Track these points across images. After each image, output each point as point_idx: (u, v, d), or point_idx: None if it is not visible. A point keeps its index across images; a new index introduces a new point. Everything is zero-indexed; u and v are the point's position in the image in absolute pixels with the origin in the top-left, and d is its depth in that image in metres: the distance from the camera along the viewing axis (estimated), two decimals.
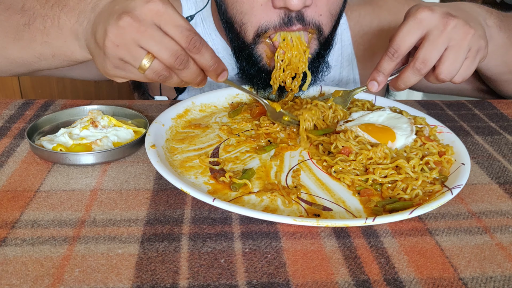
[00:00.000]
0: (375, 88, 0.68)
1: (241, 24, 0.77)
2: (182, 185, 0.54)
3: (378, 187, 0.59)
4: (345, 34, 0.98)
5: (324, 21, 0.78)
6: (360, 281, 0.45)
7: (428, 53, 0.62)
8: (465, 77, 0.66)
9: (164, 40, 0.55)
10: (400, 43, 0.64)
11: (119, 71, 0.58)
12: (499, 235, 0.52)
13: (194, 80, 0.60)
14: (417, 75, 0.64)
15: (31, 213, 0.53)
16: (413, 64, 0.63)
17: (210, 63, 0.59)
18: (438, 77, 0.65)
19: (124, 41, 0.55)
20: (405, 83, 0.66)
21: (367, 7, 0.99)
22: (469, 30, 0.63)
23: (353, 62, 0.99)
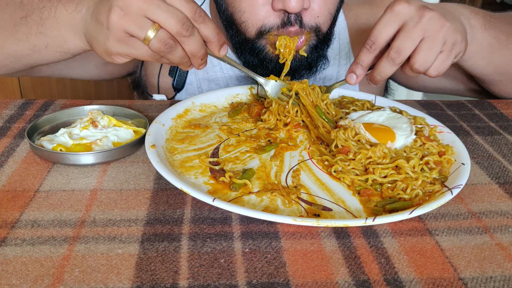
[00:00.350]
0: (353, 80, 0.68)
1: (241, 22, 0.79)
2: (182, 185, 0.54)
3: (378, 187, 0.59)
4: (342, 33, 0.99)
5: (322, 21, 0.79)
6: (360, 281, 0.45)
7: (402, 43, 0.63)
8: (440, 70, 0.66)
9: (170, 9, 0.56)
10: (377, 35, 0.65)
11: (122, 46, 0.59)
12: (499, 235, 0.52)
13: (198, 52, 0.60)
14: (392, 65, 0.64)
15: (31, 213, 0.53)
16: (388, 54, 0.64)
17: (213, 33, 0.60)
18: (413, 67, 0.65)
19: (130, 11, 0.56)
20: (380, 74, 0.66)
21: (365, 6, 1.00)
22: (445, 23, 0.63)
23: (350, 60, 0.99)
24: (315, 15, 0.78)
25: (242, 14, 0.78)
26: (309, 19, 0.77)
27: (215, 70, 0.96)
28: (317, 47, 0.82)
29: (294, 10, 0.72)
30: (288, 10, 0.72)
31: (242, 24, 0.79)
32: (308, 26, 0.78)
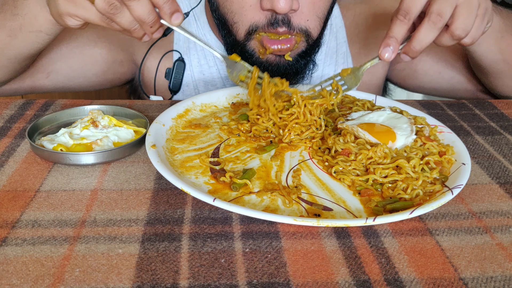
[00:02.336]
0: (388, 55, 0.64)
1: (233, 23, 0.80)
2: (182, 185, 0.54)
3: (379, 187, 0.59)
4: (340, 32, 0.99)
5: (312, 25, 0.80)
6: (360, 281, 0.45)
7: (441, 6, 0.61)
8: (475, 37, 0.65)
9: None
10: (411, 4, 0.62)
11: (70, 5, 0.59)
12: (500, 235, 0.52)
13: (146, 18, 0.58)
14: (433, 29, 0.62)
15: (31, 213, 0.53)
16: (428, 18, 0.61)
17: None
18: (454, 33, 0.63)
19: None
20: (420, 43, 0.63)
21: (363, 5, 1.00)
22: None
23: (347, 59, 0.99)
24: (304, 18, 0.78)
25: (233, 16, 0.79)
26: (298, 21, 0.77)
27: (212, 71, 0.96)
28: (305, 53, 0.83)
29: (282, 11, 0.72)
30: (276, 10, 0.72)
31: (233, 25, 0.80)
32: (297, 28, 0.78)
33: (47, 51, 0.88)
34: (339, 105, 0.80)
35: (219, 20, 0.83)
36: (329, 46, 0.97)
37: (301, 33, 0.79)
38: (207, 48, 0.69)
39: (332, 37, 0.98)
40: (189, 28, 0.94)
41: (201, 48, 0.94)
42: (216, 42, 0.94)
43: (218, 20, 0.83)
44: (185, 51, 0.95)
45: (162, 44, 0.95)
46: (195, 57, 0.96)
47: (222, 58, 0.70)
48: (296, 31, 0.78)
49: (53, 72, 0.90)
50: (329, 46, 0.97)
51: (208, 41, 0.94)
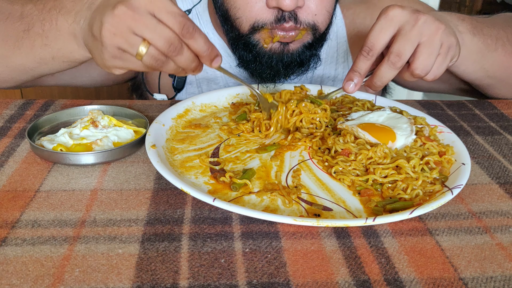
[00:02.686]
0: (351, 89, 0.67)
1: (236, 18, 0.80)
2: (182, 185, 0.54)
3: (379, 187, 0.59)
4: (340, 31, 0.99)
5: (320, 19, 0.79)
6: (360, 281, 0.44)
7: (402, 46, 0.63)
8: (436, 75, 0.66)
9: (158, 27, 0.56)
10: (374, 41, 0.64)
11: (118, 61, 0.59)
12: (500, 235, 0.52)
13: (189, 66, 0.61)
14: (392, 69, 0.64)
15: (31, 213, 0.53)
16: (388, 58, 0.63)
17: (203, 48, 0.59)
18: (414, 72, 0.64)
19: (120, 29, 0.56)
20: (381, 79, 0.66)
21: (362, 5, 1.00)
22: (440, 25, 0.63)
23: (348, 59, 0.99)
24: (312, 13, 0.78)
25: (237, 11, 0.79)
26: (305, 16, 0.77)
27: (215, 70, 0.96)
28: (311, 45, 0.82)
29: (288, 8, 0.73)
30: (282, 7, 0.73)
31: (236, 20, 0.80)
32: (305, 23, 0.78)
33: None
34: (339, 105, 0.80)
35: (222, 16, 0.83)
36: (330, 46, 0.97)
37: (309, 27, 0.79)
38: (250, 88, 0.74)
39: (333, 37, 0.98)
40: None
41: None
42: (218, 40, 0.94)
43: (221, 16, 0.84)
44: None
45: None
46: None
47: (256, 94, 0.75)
48: (303, 26, 0.78)
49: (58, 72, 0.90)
50: (330, 45, 0.97)
51: (211, 39, 0.94)
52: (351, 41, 1.00)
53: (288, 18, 0.76)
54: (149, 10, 0.56)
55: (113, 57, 0.59)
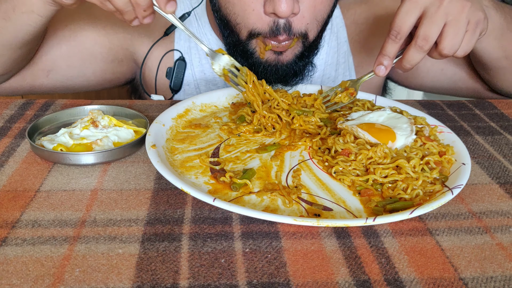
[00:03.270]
0: (382, 72, 0.68)
1: (236, 24, 0.81)
2: (182, 185, 0.54)
3: (379, 187, 0.59)
4: (341, 32, 0.99)
5: (310, 27, 0.81)
6: (360, 281, 0.45)
7: (428, 30, 0.63)
8: (466, 50, 0.67)
9: None
10: (401, 24, 0.65)
11: None
12: (500, 235, 0.52)
13: (141, 0, 0.61)
14: (420, 52, 0.65)
15: (31, 213, 0.53)
16: (415, 42, 0.64)
17: None
18: (442, 52, 0.65)
19: None
20: (409, 62, 0.66)
21: (363, 5, 1.00)
22: (465, 3, 0.63)
23: (349, 59, 0.99)
24: (304, 21, 0.79)
25: (236, 17, 0.80)
26: (298, 25, 0.78)
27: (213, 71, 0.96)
28: (303, 55, 0.83)
29: (284, 15, 0.73)
30: (278, 14, 0.73)
31: (236, 26, 0.81)
32: (297, 33, 0.79)
33: (48, 49, 0.88)
34: None
35: (221, 21, 0.84)
36: (330, 46, 0.97)
37: (300, 36, 0.80)
38: (195, 40, 0.71)
39: (333, 37, 0.98)
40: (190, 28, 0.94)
41: None
42: (217, 41, 0.94)
43: (220, 20, 0.84)
44: (186, 50, 0.95)
45: (163, 44, 0.95)
46: (196, 56, 0.96)
47: (207, 51, 0.73)
48: (295, 36, 0.79)
49: (53, 71, 0.90)
50: (330, 45, 0.97)
51: (209, 40, 0.95)
52: (351, 41, 0.99)
53: (283, 30, 0.77)
54: None
55: None
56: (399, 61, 0.68)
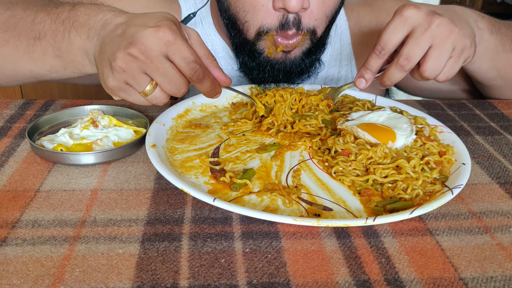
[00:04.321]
0: (362, 85, 0.69)
1: (244, 22, 0.79)
2: (182, 185, 0.54)
3: (379, 187, 0.59)
4: (344, 34, 0.99)
5: (319, 23, 0.80)
6: (360, 281, 0.44)
7: (411, 50, 0.63)
8: (448, 76, 0.67)
9: (169, 73, 0.57)
10: (387, 41, 0.65)
11: (121, 92, 0.60)
12: (500, 235, 0.52)
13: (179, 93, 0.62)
14: (401, 71, 0.65)
15: (31, 213, 0.53)
16: (397, 60, 0.64)
17: (208, 89, 0.62)
18: (422, 75, 0.65)
19: (130, 68, 0.56)
20: (390, 80, 0.67)
21: (366, 7, 1.00)
22: (453, 29, 0.63)
23: (351, 61, 0.99)
24: (313, 17, 0.78)
25: (245, 14, 0.79)
26: (307, 21, 0.78)
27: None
28: (310, 51, 0.83)
29: (294, 10, 0.73)
30: (288, 9, 0.73)
31: (245, 24, 0.80)
32: (305, 29, 0.78)
33: None
34: (339, 105, 0.80)
35: (228, 20, 0.83)
36: (333, 48, 0.97)
37: (308, 32, 0.79)
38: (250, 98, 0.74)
39: (337, 39, 0.98)
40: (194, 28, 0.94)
41: None
42: (221, 42, 0.94)
43: (228, 20, 0.83)
44: None
45: None
46: None
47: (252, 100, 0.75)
48: (304, 31, 0.78)
49: None
50: (334, 47, 0.97)
51: (213, 42, 0.94)
52: (355, 43, 0.99)
53: (292, 24, 0.76)
54: (163, 52, 0.56)
55: (117, 88, 0.59)
56: (380, 76, 0.68)
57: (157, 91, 0.59)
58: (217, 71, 0.63)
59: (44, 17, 0.69)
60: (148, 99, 0.60)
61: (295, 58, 0.82)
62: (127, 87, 0.59)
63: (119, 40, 0.57)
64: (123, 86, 0.59)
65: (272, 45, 0.80)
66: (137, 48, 0.55)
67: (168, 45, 0.56)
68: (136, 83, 0.58)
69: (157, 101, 0.61)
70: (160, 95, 0.60)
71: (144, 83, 0.58)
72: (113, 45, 0.58)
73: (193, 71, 0.58)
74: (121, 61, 0.56)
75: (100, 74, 0.61)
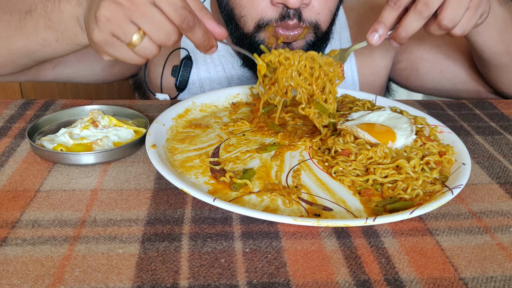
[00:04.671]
0: (375, 40, 0.65)
1: (240, 16, 0.79)
2: (182, 185, 0.54)
3: (379, 187, 0.59)
4: (344, 32, 0.99)
5: (322, 18, 0.79)
6: (360, 281, 0.44)
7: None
8: (466, 28, 0.65)
9: (156, 18, 0.54)
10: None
11: (109, 47, 0.58)
12: (500, 235, 0.52)
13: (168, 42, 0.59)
14: (419, 18, 0.62)
15: (31, 213, 0.53)
16: (415, 6, 0.61)
17: (201, 40, 0.59)
18: (441, 23, 0.62)
19: (115, 15, 0.54)
20: (406, 29, 0.63)
21: (365, 5, 1.00)
22: None
23: (351, 59, 0.99)
24: (315, 11, 0.77)
25: (242, 9, 0.79)
26: (309, 15, 0.77)
27: (218, 70, 0.96)
28: (314, 44, 0.82)
29: (294, 5, 0.72)
30: (288, 5, 0.72)
31: (241, 19, 0.80)
32: (307, 21, 0.77)
33: None
34: (339, 105, 0.80)
35: (227, 15, 0.83)
36: (332, 45, 0.97)
37: (311, 26, 0.79)
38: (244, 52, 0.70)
39: (336, 37, 0.98)
40: None
41: None
42: None
43: (226, 15, 0.83)
44: (192, 49, 0.95)
45: None
46: (201, 56, 0.96)
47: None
48: (306, 24, 0.78)
49: (60, 64, 0.89)
50: (333, 45, 0.97)
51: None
52: (354, 41, 0.99)
53: (293, 15, 0.75)
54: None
55: (105, 42, 0.57)
56: (395, 30, 0.65)
57: (145, 41, 0.56)
58: (211, 23, 0.59)
59: None
60: (137, 51, 0.57)
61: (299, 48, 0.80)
62: (113, 40, 0.57)
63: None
64: (109, 39, 0.56)
65: (272, 35, 0.79)
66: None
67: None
68: (122, 33, 0.55)
69: (146, 52, 0.57)
70: (149, 45, 0.57)
71: (131, 32, 0.55)
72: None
73: (182, 18, 0.55)
74: (105, 10, 0.54)
75: (87, 30, 0.60)
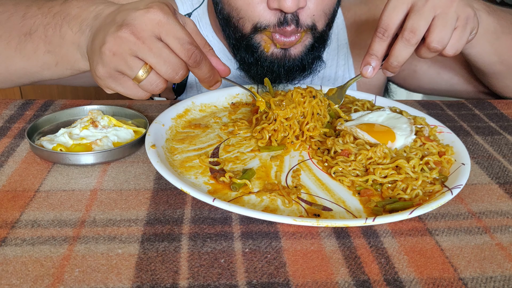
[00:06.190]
0: (369, 74, 0.65)
1: (238, 18, 0.79)
2: (182, 185, 0.54)
3: (378, 187, 0.59)
4: (341, 34, 0.99)
5: (317, 19, 0.79)
6: (360, 281, 0.45)
7: (415, 22, 0.61)
8: (457, 48, 0.65)
9: (163, 53, 0.54)
10: (388, 21, 0.63)
11: (112, 81, 0.57)
12: (499, 235, 0.52)
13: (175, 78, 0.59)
14: (407, 46, 0.62)
15: (31, 213, 0.53)
16: (402, 35, 0.62)
17: (206, 75, 0.59)
18: (430, 46, 0.63)
19: (121, 50, 0.54)
20: (396, 59, 0.64)
21: (363, 6, 1.00)
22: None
23: (348, 61, 0.99)
24: (311, 13, 0.77)
25: (238, 12, 0.78)
26: (305, 18, 0.77)
27: None
28: (313, 47, 0.82)
29: (290, 10, 0.72)
30: (284, 9, 0.72)
31: (239, 21, 0.79)
32: (304, 25, 0.77)
33: None
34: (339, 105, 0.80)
35: (224, 20, 0.82)
36: (330, 47, 0.97)
37: (308, 28, 0.78)
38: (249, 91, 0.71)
39: (334, 38, 0.98)
40: None
41: None
42: (218, 43, 0.93)
43: (223, 19, 0.83)
44: None
45: None
46: None
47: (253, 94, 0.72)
48: (303, 28, 0.77)
49: None
50: (331, 47, 0.97)
51: (211, 43, 0.94)
52: (351, 43, 0.99)
53: (290, 20, 0.75)
54: (155, 33, 0.53)
55: (109, 77, 0.56)
56: (386, 60, 0.65)
57: (151, 75, 0.55)
58: (215, 60, 0.60)
59: (35, 11, 0.68)
60: (142, 86, 0.56)
61: (297, 55, 0.81)
62: (118, 75, 0.56)
63: (109, 26, 0.55)
64: (113, 74, 0.56)
65: (269, 39, 0.79)
66: (127, 29, 0.53)
67: (160, 25, 0.53)
68: (127, 67, 0.54)
69: (153, 87, 0.56)
70: (156, 79, 0.56)
71: (136, 66, 0.54)
72: (103, 31, 0.56)
73: (190, 53, 0.54)
74: (110, 44, 0.53)
75: (90, 64, 0.59)
